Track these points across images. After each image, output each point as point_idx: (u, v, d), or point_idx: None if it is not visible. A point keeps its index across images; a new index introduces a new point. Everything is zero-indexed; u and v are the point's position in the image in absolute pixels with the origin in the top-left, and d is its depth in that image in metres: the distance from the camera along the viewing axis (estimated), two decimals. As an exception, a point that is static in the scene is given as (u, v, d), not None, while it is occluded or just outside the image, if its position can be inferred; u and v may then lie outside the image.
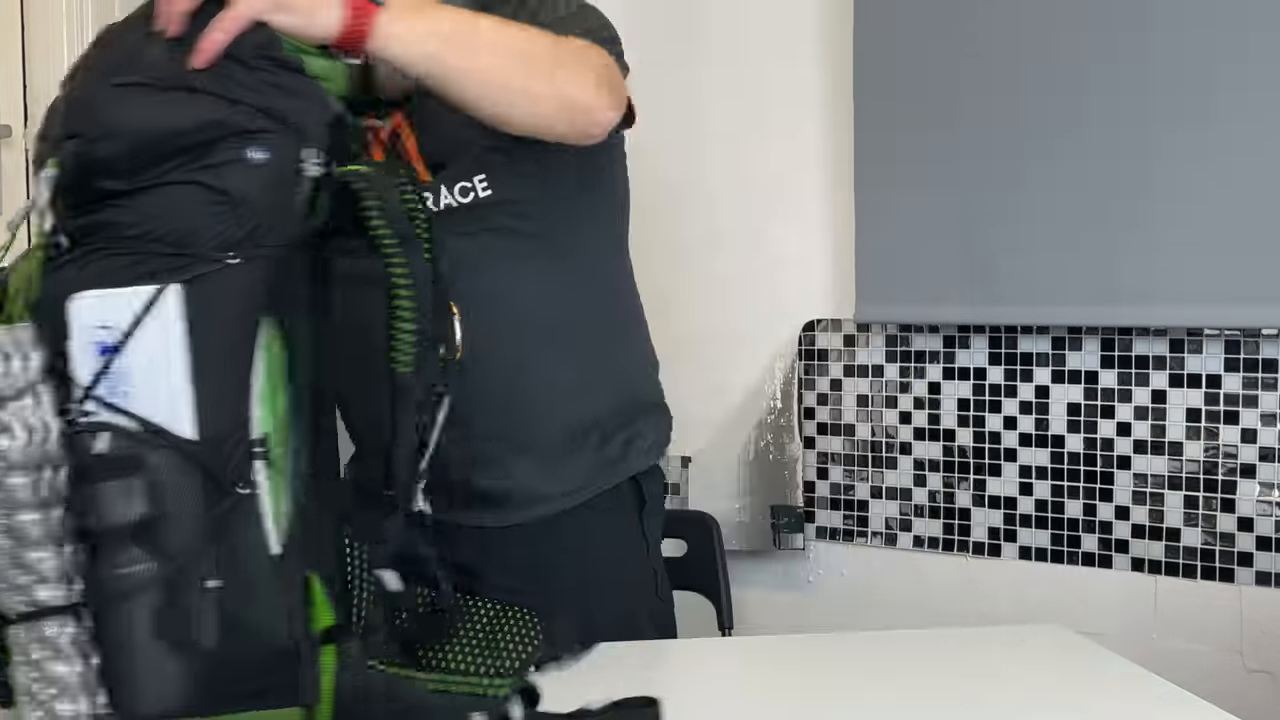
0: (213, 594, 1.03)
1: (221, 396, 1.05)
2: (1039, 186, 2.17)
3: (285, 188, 1.05)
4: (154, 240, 1.03)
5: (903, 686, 1.37)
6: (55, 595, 1.00)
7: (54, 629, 1.00)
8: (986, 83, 2.20)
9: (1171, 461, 2.15)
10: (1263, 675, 2.07)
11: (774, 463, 2.48)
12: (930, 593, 2.37)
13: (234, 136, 1.03)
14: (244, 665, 1.06)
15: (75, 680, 1.00)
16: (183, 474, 1.02)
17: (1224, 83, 2.02)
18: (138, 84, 1.05)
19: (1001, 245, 2.20)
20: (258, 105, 1.04)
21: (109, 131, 1.04)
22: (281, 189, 1.05)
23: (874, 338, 2.42)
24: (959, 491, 2.35)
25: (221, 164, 1.03)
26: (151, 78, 1.05)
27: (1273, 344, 2.06)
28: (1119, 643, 1.75)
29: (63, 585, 1.01)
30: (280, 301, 1.09)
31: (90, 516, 0.99)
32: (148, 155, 1.03)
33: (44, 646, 1.00)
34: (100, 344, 1.03)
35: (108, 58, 1.08)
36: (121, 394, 1.03)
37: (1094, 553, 2.22)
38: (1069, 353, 2.23)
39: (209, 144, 1.03)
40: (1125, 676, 1.40)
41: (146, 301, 1.02)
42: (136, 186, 1.04)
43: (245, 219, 1.03)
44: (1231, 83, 2.01)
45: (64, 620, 1.00)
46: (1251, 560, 2.09)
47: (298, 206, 1.06)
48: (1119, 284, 2.11)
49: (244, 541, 1.06)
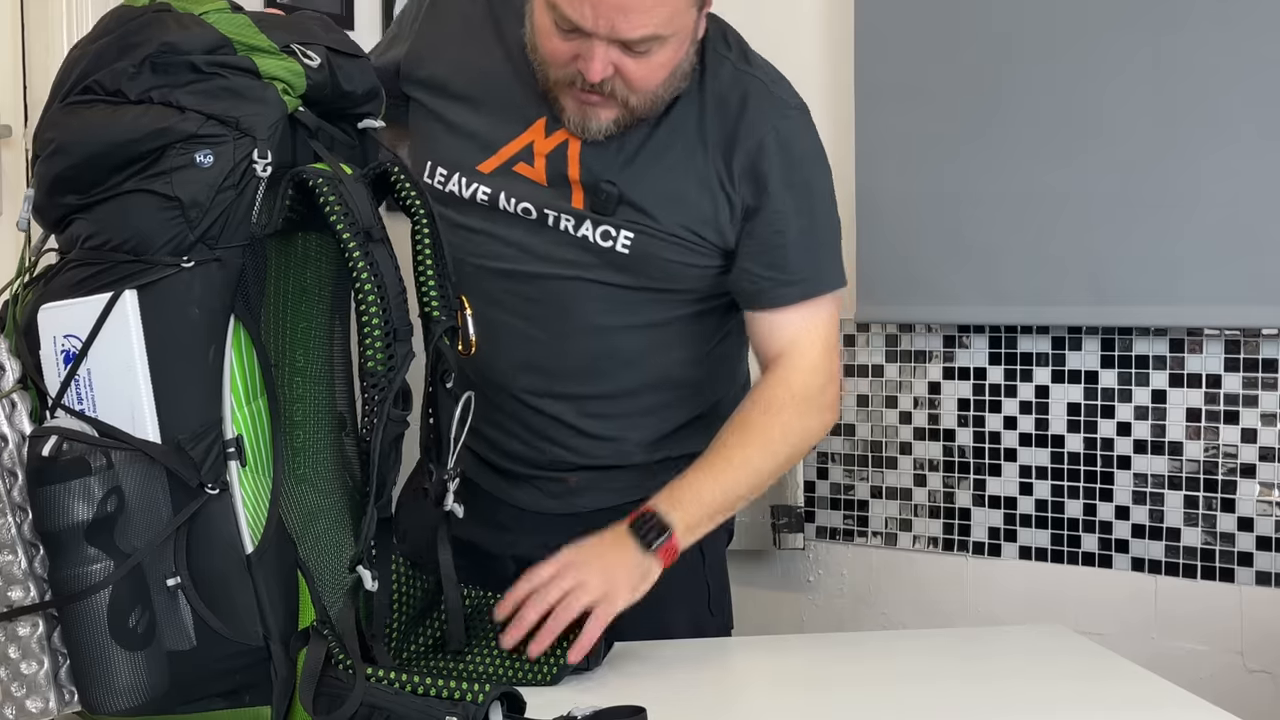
0: (175, 592, 1.04)
1: (186, 398, 1.06)
2: (1040, 186, 2.17)
3: (235, 189, 1.06)
4: (113, 249, 1.06)
5: (903, 686, 1.37)
6: (25, 596, 1.02)
7: (26, 629, 1.02)
8: (987, 83, 2.20)
9: (1171, 461, 2.15)
10: (1263, 675, 2.07)
11: (774, 463, 2.48)
12: (930, 593, 2.37)
13: (182, 143, 1.05)
14: (215, 663, 1.07)
15: (43, 679, 1.02)
16: (146, 476, 1.04)
17: (1225, 83, 2.02)
18: (87, 100, 1.08)
19: (1001, 245, 2.20)
20: (206, 111, 1.05)
21: (61, 148, 1.08)
22: (231, 191, 1.06)
23: (874, 338, 2.42)
24: (959, 491, 2.34)
25: (171, 170, 1.05)
26: (102, 92, 1.07)
27: (1273, 344, 2.06)
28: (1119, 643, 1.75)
29: (31, 586, 1.02)
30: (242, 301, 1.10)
31: (45, 519, 1.00)
32: (100, 168, 1.06)
33: (18, 646, 1.02)
34: (66, 352, 1.05)
35: (65, 75, 1.10)
36: (89, 400, 1.05)
37: (1094, 553, 2.22)
38: (1069, 353, 2.23)
39: (159, 152, 1.05)
40: (1125, 676, 1.40)
41: (103, 309, 1.04)
42: (93, 199, 1.07)
43: (197, 222, 1.05)
44: (1232, 83, 2.01)
45: (34, 620, 1.02)
46: (1251, 560, 2.09)
47: (248, 207, 1.07)
48: (1119, 284, 2.11)
49: (213, 541, 1.07)
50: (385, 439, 1.12)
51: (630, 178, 1.48)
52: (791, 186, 1.50)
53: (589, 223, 1.49)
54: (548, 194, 1.50)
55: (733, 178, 1.48)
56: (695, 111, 1.49)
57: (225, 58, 1.07)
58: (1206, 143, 2.03)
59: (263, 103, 1.08)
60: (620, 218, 1.49)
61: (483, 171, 1.51)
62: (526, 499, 1.63)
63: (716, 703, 1.38)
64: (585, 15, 1.34)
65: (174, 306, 1.06)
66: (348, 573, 1.18)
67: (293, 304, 1.21)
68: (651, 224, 1.49)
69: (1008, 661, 1.48)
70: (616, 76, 1.39)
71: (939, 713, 1.29)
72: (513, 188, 1.51)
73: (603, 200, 1.48)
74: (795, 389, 1.51)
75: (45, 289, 1.09)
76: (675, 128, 1.49)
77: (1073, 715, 1.29)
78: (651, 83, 1.42)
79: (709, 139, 1.49)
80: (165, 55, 1.05)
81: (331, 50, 1.16)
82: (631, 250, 1.49)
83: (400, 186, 1.22)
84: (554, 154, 1.49)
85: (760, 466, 1.49)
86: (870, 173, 2.33)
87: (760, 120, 1.49)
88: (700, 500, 1.43)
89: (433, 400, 1.24)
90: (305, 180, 1.10)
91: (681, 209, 1.48)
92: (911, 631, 2.19)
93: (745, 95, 1.50)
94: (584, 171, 1.49)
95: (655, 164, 1.49)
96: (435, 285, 1.22)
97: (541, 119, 1.50)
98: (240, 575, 1.07)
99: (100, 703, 1.02)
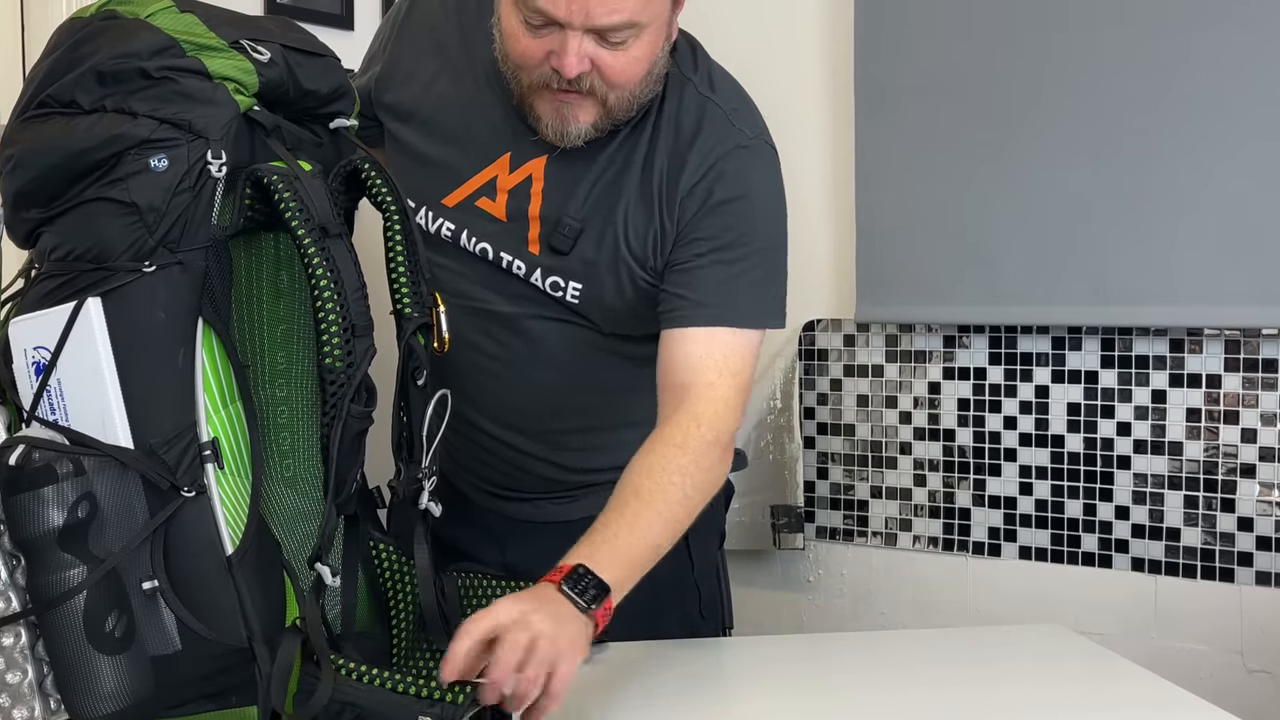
0: (154, 596, 1.04)
1: (157, 402, 1.07)
2: (1040, 186, 2.17)
3: (191, 192, 1.07)
4: (76, 259, 1.07)
5: (903, 686, 1.37)
6: (6, 607, 1.02)
7: (9, 639, 1.02)
8: (988, 83, 2.20)
9: (1171, 461, 2.15)
10: (1263, 675, 2.07)
11: (774, 462, 2.48)
12: (930, 593, 2.37)
13: (136, 148, 1.05)
14: (199, 666, 1.07)
15: (27, 688, 1.02)
16: (119, 481, 1.04)
17: (1226, 84, 2.02)
18: (43, 114, 1.08)
19: (1001, 245, 2.20)
20: (158, 115, 1.06)
21: (20, 163, 1.08)
22: (188, 193, 1.06)
23: (874, 338, 2.42)
24: (959, 491, 2.34)
25: (127, 176, 1.05)
26: (56, 105, 1.08)
27: (1273, 344, 2.06)
28: (1119, 643, 1.75)
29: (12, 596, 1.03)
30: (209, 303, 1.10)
31: (19, 527, 1.01)
32: (59, 180, 1.07)
33: (1, 656, 1.02)
34: (37, 364, 1.06)
35: (23, 92, 1.11)
36: (61, 409, 1.06)
37: (1094, 553, 2.22)
38: (1069, 353, 2.23)
39: (114, 159, 1.05)
40: (1125, 676, 1.40)
41: (68, 318, 1.05)
42: (55, 211, 1.08)
43: (155, 227, 1.06)
44: (1233, 84, 2.01)
45: (16, 630, 1.02)
46: (1251, 560, 2.08)
47: (207, 209, 1.08)
48: (1119, 284, 2.11)
49: (192, 544, 1.07)
50: (345, 436, 1.11)
51: (587, 212, 1.45)
52: (724, 212, 1.42)
53: (539, 272, 1.46)
54: (504, 232, 1.47)
55: (672, 204, 1.43)
56: (650, 138, 1.45)
57: (173, 61, 1.07)
58: (1207, 143, 2.03)
59: (213, 104, 1.08)
60: (575, 258, 1.45)
61: (447, 205, 1.48)
62: (515, 511, 1.63)
63: (715, 702, 1.38)
64: (558, 4, 1.29)
65: (139, 312, 1.06)
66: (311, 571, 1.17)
67: (268, 306, 1.21)
68: (599, 266, 1.45)
69: (1008, 662, 1.48)
70: (594, 72, 1.34)
71: (939, 713, 1.29)
72: (473, 224, 1.48)
73: (562, 237, 1.44)
74: (704, 420, 1.36)
75: (21, 303, 1.09)
76: (630, 158, 1.45)
77: (1073, 715, 1.29)
78: (630, 77, 1.36)
79: (656, 166, 1.43)
80: (114, 64, 1.05)
81: (290, 48, 1.16)
82: (581, 299, 1.46)
83: (371, 183, 1.22)
84: (516, 190, 1.46)
85: (675, 513, 1.33)
86: (870, 173, 2.33)
87: (711, 148, 1.43)
88: (620, 556, 1.27)
89: (404, 398, 1.23)
90: (261, 178, 1.11)
91: (625, 242, 1.44)
92: (911, 632, 2.19)
93: (700, 121, 1.44)
94: (545, 207, 1.45)
95: (606, 196, 1.45)
96: (407, 281, 1.21)
97: (507, 154, 1.46)
98: (221, 577, 1.07)
99: (84, 709, 1.02)
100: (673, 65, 1.46)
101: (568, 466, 1.59)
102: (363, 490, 1.25)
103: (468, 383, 1.51)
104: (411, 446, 1.24)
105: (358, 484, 1.20)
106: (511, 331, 1.51)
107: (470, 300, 1.49)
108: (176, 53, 1.07)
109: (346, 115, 1.24)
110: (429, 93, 1.51)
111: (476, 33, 1.48)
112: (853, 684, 1.38)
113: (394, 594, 1.30)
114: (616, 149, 1.45)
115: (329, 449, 1.11)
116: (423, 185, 1.49)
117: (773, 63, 2.50)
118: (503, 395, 1.54)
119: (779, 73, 2.49)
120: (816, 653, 1.58)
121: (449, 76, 1.50)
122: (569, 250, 1.45)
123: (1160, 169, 2.07)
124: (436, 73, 1.51)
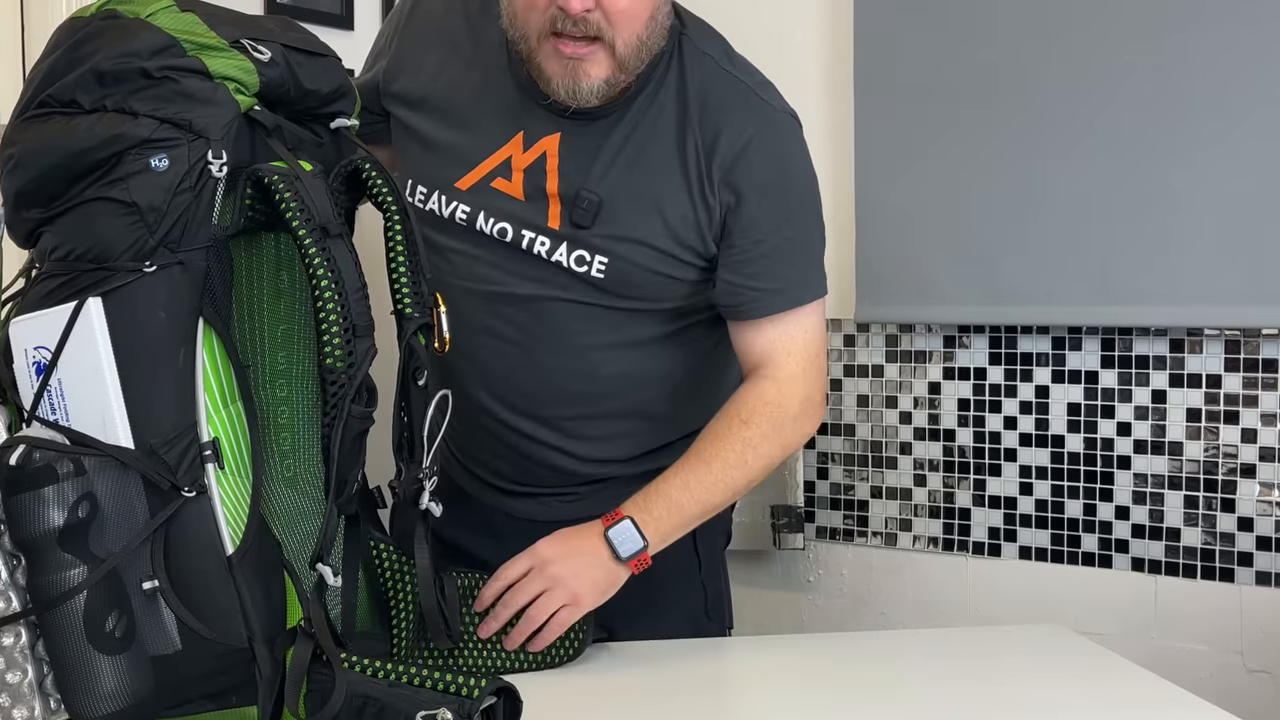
0: (154, 595, 1.04)
1: (158, 402, 1.07)
2: (1039, 186, 2.17)
3: (192, 192, 1.07)
4: (77, 259, 1.07)
5: (903, 686, 1.37)
6: (6, 607, 1.02)
7: (9, 639, 1.02)
8: (988, 83, 2.20)
9: (1171, 461, 2.15)
10: (1263, 675, 2.07)
11: (774, 463, 2.48)
12: (930, 593, 2.37)
13: (136, 148, 1.05)
14: (200, 666, 1.07)
15: (27, 688, 1.02)
16: (120, 481, 1.04)
17: (1225, 83, 2.02)
18: (44, 114, 1.09)
19: (1001, 245, 2.20)
20: (159, 115, 1.06)
21: (20, 163, 1.09)
22: (188, 193, 1.06)
23: (874, 338, 2.42)
24: (959, 491, 2.34)
25: (127, 176, 1.05)
26: (56, 105, 1.08)
27: (1273, 344, 2.06)
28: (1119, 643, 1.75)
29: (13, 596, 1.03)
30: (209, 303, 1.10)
31: (19, 527, 1.01)
32: (60, 179, 1.07)
33: (1, 656, 1.02)
34: (37, 364, 1.06)
35: (23, 92, 1.11)
36: (62, 409, 1.06)
37: (1094, 553, 2.22)
38: (1069, 353, 2.23)
39: (114, 159, 1.05)
40: (1125, 676, 1.40)
41: (69, 318, 1.04)
42: (56, 211, 1.08)
43: (156, 227, 1.06)
44: (1233, 83, 2.01)
45: (17, 630, 1.02)
46: (1251, 560, 2.09)
47: (208, 209, 1.08)
48: (1119, 284, 2.11)
49: (192, 544, 1.07)
50: (346, 436, 1.11)
51: (610, 185, 1.46)
52: (771, 193, 1.47)
53: (564, 246, 1.47)
54: (524, 210, 1.47)
55: (712, 182, 1.45)
56: (675, 111, 1.46)
57: (174, 60, 1.07)
58: (1207, 143, 2.03)
59: (214, 104, 1.08)
60: (598, 232, 1.46)
61: (460, 188, 1.49)
62: (520, 508, 1.63)
63: (715, 702, 1.38)
64: None
65: (139, 312, 1.06)
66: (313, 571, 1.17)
67: (269, 306, 1.21)
68: (628, 239, 1.46)
69: (1008, 662, 1.48)
70: (598, 11, 1.35)
71: (939, 713, 1.29)
72: (490, 205, 1.48)
73: (582, 211, 1.45)
74: (770, 400, 1.48)
75: (21, 303, 1.09)
76: (654, 129, 1.46)
77: (1073, 715, 1.29)
78: (634, 16, 1.37)
79: (688, 141, 1.46)
80: (114, 63, 1.05)
81: (291, 48, 1.16)
82: (607, 274, 1.47)
83: (372, 183, 1.22)
84: (532, 168, 1.47)
85: (733, 477, 1.47)
86: (870, 173, 2.33)
87: (743, 124, 1.46)
88: (673, 511, 1.43)
89: (404, 398, 1.23)
90: (262, 178, 1.10)
91: (660, 215, 1.46)
92: (911, 631, 2.19)
93: (728, 97, 1.47)
94: (563, 183, 1.46)
95: (634, 168, 1.46)
96: (408, 281, 1.21)
97: (520, 133, 1.47)
98: (221, 577, 1.07)
99: (84, 709, 1.02)
100: (686, 38, 1.49)
101: (578, 455, 1.58)
102: (363, 490, 1.25)
103: (481, 367, 1.52)
104: (412, 447, 1.24)
105: (358, 484, 1.20)
106: (528, 314, 1.51)
107: (485, 284, 1.50)
108: (177, 52, 1.07)
109: (347, 115, 1.24)
110: (438, 80, 1.52)
111: (483, 20, 1.50)
112: (853, 684, 1.38)
113: (394, 594, 1.30)
114: (633, 117, 1.46)
115: (330, 449, 1.11)
116: (435, 169, 1.51)
117: (773, 63, 2.49)
118: (516, 380, 1.54)
119: (779, 73, 2.47)
120: (816, 653, 1.58)
121: (458, 64, 1.52)
122: (590, 224, 1.46)
123: (1160, 169, 2.07)
124: (445, 61, 1.53)
